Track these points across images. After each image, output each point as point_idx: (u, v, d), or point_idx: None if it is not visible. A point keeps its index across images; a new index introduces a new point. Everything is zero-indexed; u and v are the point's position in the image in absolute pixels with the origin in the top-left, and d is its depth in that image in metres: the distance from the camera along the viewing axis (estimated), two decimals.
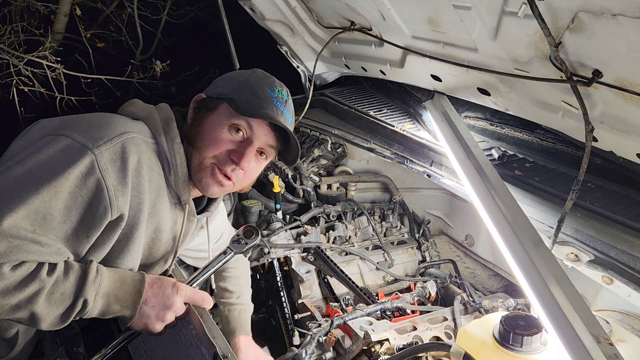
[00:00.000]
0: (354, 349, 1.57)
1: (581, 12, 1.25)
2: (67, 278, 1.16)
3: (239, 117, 1.30)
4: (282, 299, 2.04)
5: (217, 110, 1.33)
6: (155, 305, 1.25)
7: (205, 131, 1.31)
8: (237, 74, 1.39)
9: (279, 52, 2.91)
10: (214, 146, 1.30)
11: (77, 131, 1.18)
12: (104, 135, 1.18)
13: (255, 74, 1.38)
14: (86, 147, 1.15)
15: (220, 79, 1.41)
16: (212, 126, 1.31)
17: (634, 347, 1.48)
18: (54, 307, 1.14)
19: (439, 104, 2.16)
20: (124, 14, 4.39)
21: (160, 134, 1.30)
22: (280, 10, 2.58)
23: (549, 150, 2.07)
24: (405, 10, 1.88)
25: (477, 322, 1.45)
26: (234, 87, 1.34)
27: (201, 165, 1.31)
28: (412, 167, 2.14)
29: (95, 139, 1.17)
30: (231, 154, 1.31)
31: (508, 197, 1.60)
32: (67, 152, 1.15)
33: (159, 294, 1.27)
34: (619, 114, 1.43)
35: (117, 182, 1.18)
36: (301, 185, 2.47)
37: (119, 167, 1.18)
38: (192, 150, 1.32)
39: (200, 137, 1.31)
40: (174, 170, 1.31)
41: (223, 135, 1.31)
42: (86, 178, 1.14)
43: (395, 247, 2.29)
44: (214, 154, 1.31)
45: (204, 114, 1.34)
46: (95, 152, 1.15)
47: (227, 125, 1.31)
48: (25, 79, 3.32)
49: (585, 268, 1.48)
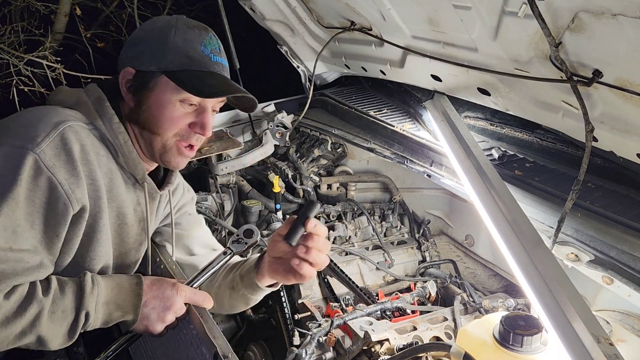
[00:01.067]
0: (354, 349, 1.57)
1: (581, 12, 1.25)
2: (64, 294, 1.15)
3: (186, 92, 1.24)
4: (282, 299, 2.04)
5: (157, 87, 1.24)
6: (155, 307, 1.25)
7: (156, 113, 1.25)
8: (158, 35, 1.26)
9: (279, 52, 2.91)
10: (173, 125, 1.27)
11: (9, 135, 1.14)
12: (39, 132, 1.13)
13: (179, 30, 1.25)
14: (25, 148, 1.10)
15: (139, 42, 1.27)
16: (161, 105, 1.25)
17: (634, 347, 1.47)
18: (57, 325, 1.13)
19: (439, 104, 2.16)
20: (124, 14, 4.39)
21: (95, 117, 1.25)
22: (280, 10, 2.58)
23: (549, 150, 2.07)
24: (405, 10, 1.88)
25: (477, 322, 1.44)
26: (163, 55, 1.23)
27: (165, 147, 1.29)
28: (412, 167, 2.14)
29: (32, 137, 1.12)
30: (192, 127, 1.28)
31: (508, 197, 1.59)
32: (9, 159, 1.10)
33: (159, 295, 1.26)
34: (619, 114, 1.43)
35: (68, 175, 1.15)
36: (301, 185, 2.47)
37: (65, 160, 1.14)
38: (150, 136, 1.28)
39: (153, 122, 1.26)
40: (120, 151, 1.27)
41: (177, 112, 1.26)
42: (36, 179, 1.11)
43: (395, 247, 2.29)
44: (175, 132, 1.28)
45: (145, 94, 1.26)
46: (37, 151, 1.10)
47: (176, 101, 1.25)
48: (25, 79, 3.32)
49: (585, 268, 1.48)
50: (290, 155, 2.61)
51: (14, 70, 3.31)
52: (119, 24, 4.45)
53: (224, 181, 2.49)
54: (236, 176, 2.54)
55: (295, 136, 2.79)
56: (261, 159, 2.59)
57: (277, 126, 2.60)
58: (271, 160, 2.65)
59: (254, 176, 2.70)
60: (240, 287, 1.45)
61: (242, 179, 2.57)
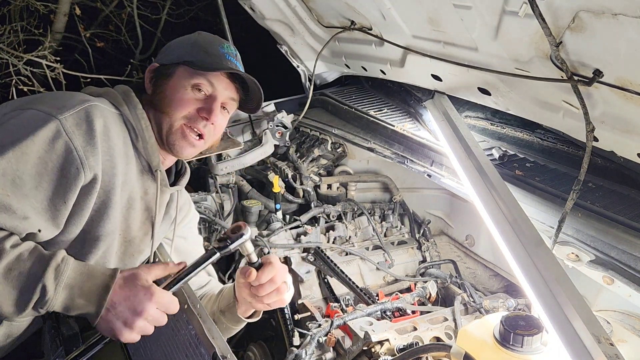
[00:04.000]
0: (354, 350, 1.57)
1: (582, 12, 1.24)
2: (29, 258, 1.10)
3: (199, 76, 1.36)
4: None
5: (175, 74, 1.38)
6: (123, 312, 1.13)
7: (169, 95, 1.37)
8: (185, 38, 1.46)
9: (279, 51, 2.90)
10: (181, 107, 1.36)
11: (40, 104, 1.22)
12: (67, 104, 1.22)
13: (202, 35, 1.45)
14: (50, 115, 1.18)
15: (167, 48, 1.47)
16: (175, 89, 1.37)
17: (635, 348, 1.47)
18: (9, 286, 1.07)
19: (439, 103, 2.16)
20: (124, 14, 4.39)
21: (121, 103, 1.35)
22: (280, 9, 2.58)
23: (549, 150, 2.07)
24: (405, 9, 1.88)
25: (477, 323, 1.44)
26: (186, 50, 1.40)
27: (172, 127, 1.37)
28: (412, 167, 2.14)
29: (58, 107, 1.20)
30: (200, 112, 1.37)
31: (509, 197, 1.59)
32: (32, 119, 1.17)
33: (130, 297, 1.14)
34: (620, 113, 1.43)
35: (85, 143, 1.20)
36: (301, 185, 2.47)
37: (85, 130, 1.21)
38: (160, 116, 1.38)
39: (166, 102, 1.37)
40: (140, 135, 1.35)
41: (187, 96, 1.37)
42: (53, 142, 1.16)
43: (395, 247, 2.28)
44: (183, 114, 1.37)
45: (163, 81, 1.39)
46: (60, 118, 1.18)
47: (189, 85, 1.37)
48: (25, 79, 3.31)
49: (585, 268, 1.48)
50: (290, 155, 2.60)
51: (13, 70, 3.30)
52: (119, 24, 4.45)
53: (223, 181, 2.49)
54: (236, 176, 2.54)
55: (295, 136, 2.79)
56: (261, 158, 2.59)
57: (277, 126, 2.60)
58: (271, 160, 2.64)
59: (254, 176, 2.70)
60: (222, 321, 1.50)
61: (242, 179, 2.57)
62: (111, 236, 1.36)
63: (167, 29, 4.80)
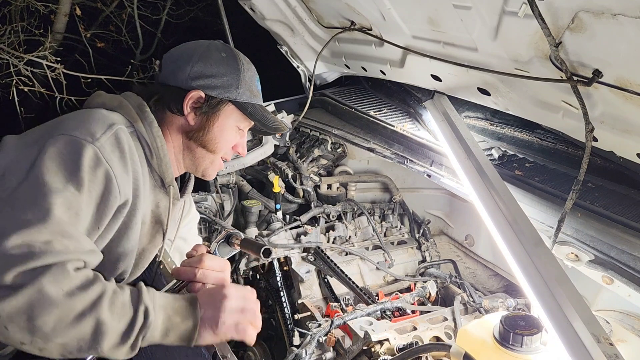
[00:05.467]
0: (354, 349, 1.57)
1: (581, 12, 1.24)
2: (122, 289, 1.11)
3: (245, 120, 1.42)
4: (282, 299, 2.04)
5: (223, 112, 1.39)
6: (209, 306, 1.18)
7: (217, 135, 1.40)
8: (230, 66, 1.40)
9: (279, 52, 2.91)
10: (225, 148, 1.44)
11: (69, 129, 1.20)
12: (97, 129, 1.21)
13: (244, 64, 1.42)
14: (87, 141, 1.17)
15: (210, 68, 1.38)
16: (222, 129, 1.40)
17: (634, 347, 1.47)
18: (116, 317, 1.06)
19: (439, 103, 2.16)
20: (124, 14, 4.38)
21: (136, 120, 1.33)
22: (280, 10, 2.58)
23: (549, 150, 2.07)
24: (405, 10, 1.88)
25: (477, 322, 1.44)
26: (233, 85, 1.39)
27: (213, 163, 1.45)
28: (412, 167, 2.14)
29: (91, 133, 1.19)
30: (234, 148, 1.46)
31: (508, 197, 1.59)
32: (72, 146, 1.16)
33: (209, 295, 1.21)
34: (619, 113, 1.43)
35: (121, 170, 1.21)
36: (301, 185, 2.47)
37: (119, 156, 1.22)
38: (202, 151, 1.42)
39: (213, 142, 1.40)
40: (155, 153, 1.34)
41: (232, 137, 1.43)
42: (95, 170, 1.16)
43: (395, 247, 2.28)
44: (224, 153, 1.45)
45: (212, 118, 1.39)
46: (97, 145, 1.17)
47: (235, 127, 1.42)
48: (25, 79, 3.32)
49: (585, 268, 1.48)
50: (290, 155, 2.60)
51: (13, 70, 3.30)
52: (119, 24, 4.44)
53: (223, 181, 2.49)
54: (236, 176, 2.54)
55: (295, 136, 2.79)
56: (261, 159, 2.59)
57: None
58: (271, 160, 2.64)
59: (254, 176, 2.70)
60: None
61: (242, 179, 2.57)
62: (130, 255, 1.35)
63: (167, 29, 4.80)
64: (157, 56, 4.35)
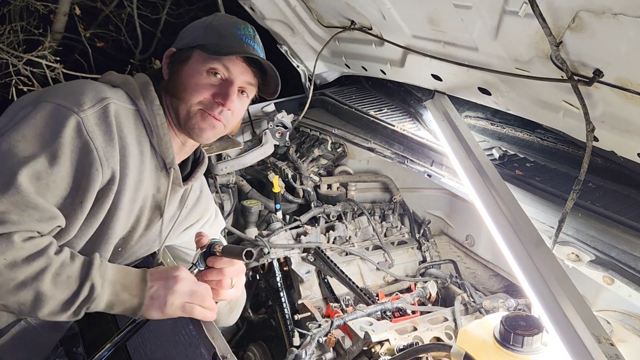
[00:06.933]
0: (354, 350, 1.57)
1: (582, 12, 1.24)
2: (73, 262, 1.16)
3: (214, 60, 1.33)
4: (282, 300, 2.03)
5: (190, 59, 1.36)
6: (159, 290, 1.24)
7: (185, 81, 1.35)
8: (200, 21, 1.43)
9: (278, 51, 2.90)
10: (197, 92, 1.34)
11: (58, 97, 1.21)
12: (86, 100, 1.21)
13: (218, 17, 1.42)
14: (71, 111, 1.17)
15: (184, 31, 1.44)
16: (190, 74, 1.35)
17: (635, 348, 1.47)
18: (59, 289, 1.13)
19: (439, 103, 2.15)
20: (124, 14, 4.38)
21: (138, 97, 1.33)
22: (280, 9, 2.58)
23: (549, 150, 2.07)
24: (405, 9, 1.87)
25: (477, 323, 1.44)
26: (200, 34, 1.38)
27: (189, 113, 1.35)
28: (412, 167, 2.13)
29: (79, 103, 1.20)
30: (215, 97, 1.34)
31: (509, 197, 1.59)
32: (54, 116, 1.17)
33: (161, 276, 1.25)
34: (620, 113, 1.43)
35: (104, 143, 1.21)
36: (301, 185, 2.47)
37: (104, 130, 1.21)
38: (177, 102, 1.36)
39: (181, 88, 1.35)
40: (155, 132, 1.34)
41: (202, 81, 1.34)
42: (75, 141, 1.17)
43: (395, 247, 2.28)
44: (198, 100, 1.34)
45: (179, 66, 1.38)
46: (81, 115, 1.18)
47: (204, 70, 1.34)
48: (25, 79, 3.31)
49: (586, 268, 1.47)
50: (290, 155, 2.60)
51: (13, 70, 3.29)
52: (119, 24, 4.44)
53: (223, 181, 2.49)
54: (236, 176, 2.53)
55: (295, 136, 2.79)
56: (261, 158, 2.59)
57: (277, 126, 2.60)
58: (271, 160, 2.64)
59: (254, 176, 2.70)
60: None
61: (241, 179, 2.57)
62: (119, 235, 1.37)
63: (166, 29, 4.80)
64: (156, 56, 4.34)
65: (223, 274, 1.34)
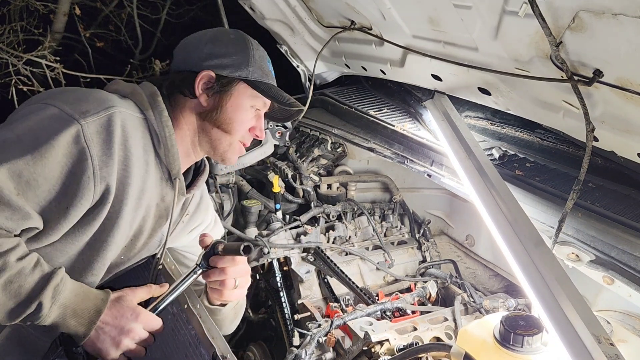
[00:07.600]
0: (354, 350, 1.57)
1: (582, 12, 1.24)
2: (32, 273, 1.14)
3: (258, 99, 1.41)
4: (281, 300, 2.03)
5: (235, 91, 1.38)
6: (110, 331, 1.21)
7: (232, 115, 1.38)
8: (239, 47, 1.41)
9: (278, 51, 2.90)
10: (242, 128, 1.41)
11: (64, 102, 1.20)
12: (90, 108, 1.20)
13: (253, 45, 1.44)
14: (73, 118, 1.16)
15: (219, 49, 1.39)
16: (236, 108, 1.38)
17: (635, 348, 1.47)
18: (7, 296, 1.11)
19: (439, 103, 2.15)
20: (124, 14, 4.38)
21: (147, 108, 1.32)
22: (280, 9, 2.58)
23: (549, 150, 2.07)
24: (405, 9, 1.87)
25: (477, 323, 1.44)
26: (243, 64, 1.39)
27: (231, 146, 1.42)
28: (412, 166, 2.13)
29: (83, 111, 1.19)
30: (251, 130, 1.44)
31: (509, 197, 1.59)
32: (54, 120, 1.17)
33: (118, 317, 1.22)
34: (620, 113, 1.43)
35: (101, 152, 1.19)
36: (301, 185, 2.47)
37: (104, 139, 1.20)
38: (218, 133, 1.40)
39: (227, 122, 1.38)
40: (163, 143, 1.33)
41: (248, 117, 1.41)
42: (71, 147, 1.16)
43: (395, 247, 2.28)
44: (242, 135, 1.42)
45: (224, 97, 1.38)
46: (82, 123, 1.17)
47: (249, 106, 1.41)
48: (24, 79, 3.31)
49: (586, 268, 1.47)
50: (290, 155, 2.60)
51: (12, 70, 3.30)
52: (119, 24, 4.44)
53: (223, 181, 2.49)
54: (236, 176, 2.53)
55: (295, 136, 2.79)
56: (261, 158, 2.58)
57: (277, 126, 2.60)
58: (271, 160, 2.64)
59: (254, 176, 2.70)
60: None
61: (241, 179, 2.57)
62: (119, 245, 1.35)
63: (166, 29, 4.80)
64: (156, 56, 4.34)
65: (225, 273, 1.33)
